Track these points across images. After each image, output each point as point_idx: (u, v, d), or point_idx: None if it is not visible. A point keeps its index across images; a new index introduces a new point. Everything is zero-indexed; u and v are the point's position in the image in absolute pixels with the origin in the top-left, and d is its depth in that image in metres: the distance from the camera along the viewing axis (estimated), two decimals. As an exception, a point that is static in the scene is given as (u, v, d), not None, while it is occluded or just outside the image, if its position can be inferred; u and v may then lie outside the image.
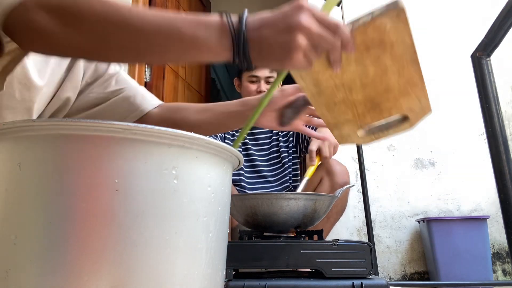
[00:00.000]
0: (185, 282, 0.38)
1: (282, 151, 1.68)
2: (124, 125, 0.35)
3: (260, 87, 1.63)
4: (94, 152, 0.35)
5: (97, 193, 0.35)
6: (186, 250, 0.38)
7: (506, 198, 0.86)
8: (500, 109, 0.91)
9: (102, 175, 0.35)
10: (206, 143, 0.40)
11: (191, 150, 0.39)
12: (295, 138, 1.68)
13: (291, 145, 1.69)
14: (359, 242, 0.74)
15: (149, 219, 0.36)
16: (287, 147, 1.69)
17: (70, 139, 0.35)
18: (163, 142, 0.37)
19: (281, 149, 1.69)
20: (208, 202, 0.41)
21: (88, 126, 0.35)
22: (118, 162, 0.36)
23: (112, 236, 0.34)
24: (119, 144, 0.36)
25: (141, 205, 0.35)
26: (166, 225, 0.37)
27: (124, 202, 0.35)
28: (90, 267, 0.33)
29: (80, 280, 0.33)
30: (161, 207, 0.37)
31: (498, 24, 0.88)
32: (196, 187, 0.40)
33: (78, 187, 0.35)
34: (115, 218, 0.34)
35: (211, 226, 0.41)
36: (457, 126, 2.25)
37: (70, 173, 0.35)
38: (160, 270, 0.36)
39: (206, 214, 0.41)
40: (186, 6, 2.84)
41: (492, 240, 2.06)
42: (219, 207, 0.43)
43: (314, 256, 0.71)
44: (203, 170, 0.41)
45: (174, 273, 0.37)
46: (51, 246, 0.33)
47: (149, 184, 0.36)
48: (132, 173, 0.36)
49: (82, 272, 0.33)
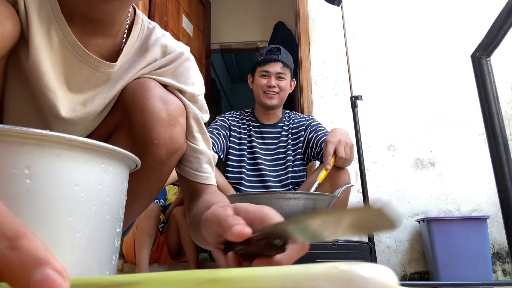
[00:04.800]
0: None
1: (288, 153, 1.68)
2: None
3: (270, 82, 1.69)
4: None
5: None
6: None
7: (506, 198, 0.86)
8: (500, 109, 0.91)
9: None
10: (68, 140, 0.38)
11: (50, 148, 0.37)
12: (305, 145, 1.68)
13: (300, 150, 1.69)
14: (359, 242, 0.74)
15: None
16: (294, 151, 1.69)
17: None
18: (14, 141, 0.36)
19: (287, 151, 1.69)
20: (75, 201, 0.39)
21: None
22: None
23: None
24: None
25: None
26: None
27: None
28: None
29: None
30: (10, 208, 0.35)
31: (498, 24, 0.88)
32: (57, 187, 0.38)
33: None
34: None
35: (80, 226, 0.40)
36: (457, 126, 2.25)
37: None
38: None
39: (72, 214, 0.39)
40: (186, 6, 2.83)
41: (492, 240, 2.06)
42: (94, 206, 0.41)
43: (314, 256, 0.71)
44: (67, 168, 0.39)
45: None
46: None
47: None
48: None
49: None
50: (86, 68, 0.66)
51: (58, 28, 0.63)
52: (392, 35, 2.40)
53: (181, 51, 0.75)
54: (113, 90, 0.69)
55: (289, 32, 3.71)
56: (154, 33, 0.74)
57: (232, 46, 4.04)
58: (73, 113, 0.66)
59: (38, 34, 0.61)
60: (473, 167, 2.18)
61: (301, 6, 2.50)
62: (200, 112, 0.75)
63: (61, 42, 0.63)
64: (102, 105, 0.68)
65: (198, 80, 0.76)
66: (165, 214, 2.12)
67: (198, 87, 0.76)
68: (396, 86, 2.34)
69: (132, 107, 0.67)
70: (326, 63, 2.42)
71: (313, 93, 2.37)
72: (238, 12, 4.07)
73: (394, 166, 2.23)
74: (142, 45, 0.73)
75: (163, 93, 0.69)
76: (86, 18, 0.65)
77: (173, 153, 0.69)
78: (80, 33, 0.65)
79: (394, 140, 2.26)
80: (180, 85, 0.72)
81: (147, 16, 2.32)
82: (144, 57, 0.71)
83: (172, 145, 0.68)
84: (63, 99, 0.65)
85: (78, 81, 0.67)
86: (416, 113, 2.28)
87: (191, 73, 0.75)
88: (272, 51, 1.74)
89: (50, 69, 0.63)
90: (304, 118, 1.77)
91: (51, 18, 0.62)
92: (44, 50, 0.62)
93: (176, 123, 0.68)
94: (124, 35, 0.71)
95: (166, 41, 0.75)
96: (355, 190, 2.14)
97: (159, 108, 0.66)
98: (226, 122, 1.71)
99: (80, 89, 0.67)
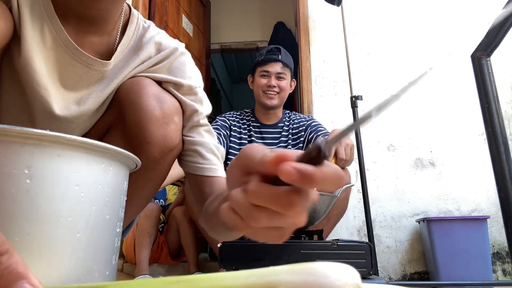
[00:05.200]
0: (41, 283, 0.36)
1: None
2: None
3: (270, 82, 1.69)
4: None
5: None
6: (43, 251, 0.37)
7: (506, 198, 0.86)
8: (500, 109, 0.91)
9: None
10: (68, 140, 0.38)
11: (51, 148, 0.37)
12: (305, 146, 1.68)
13: (300, 151, 1.69)
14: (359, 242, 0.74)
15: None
16: None
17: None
18: (14, 141, 0.36)
19: None
20: (75, 201, 0.39)
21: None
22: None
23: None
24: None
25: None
26: (15, 227, 0.35)
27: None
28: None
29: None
30: (10, 208, 0.35)
31: (498, 24, 0.88)
32: (57, 187, 0.38)
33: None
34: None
35: (80, 226, 0.40)
36: (457, 126, 2.25)
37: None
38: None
39: (72, 214, 0.39)
40: (186, 6, 2.83)
41: (492, 240, 2.06)
42: (94, 206, 0.42)
43: (314, 256, 0.71)
44: (67, 168, 0.39)
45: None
46: None
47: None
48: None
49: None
50: (80, 67, 0.66)
51: (51, 26, 0.62)
52: (392, 35, 2.40)
53: (175, 47, 0.74)
54: (108, 89, 0.68)
55: (289, 32, 3.71)
56: (149, 31, 0.74)
57: (232, 46, 4.04)
58: (66, 111, 0.66)
59: (30, 32, 0.60)
60: (473, 167, 2.18)
61: (301, 6, 2.50)
62: (200, 105, 0.74)
63: (54, 40, 0.63)
64: (96, 103, 0.68)
65: (194, 73, 0.75)
66: (165, 214, 2.12)
67: (195, 80, 0.75)
68: (396, 86, 2.34)
69: (126, 105, 0.66)
70: (326, 63, 2.41)
71: (313, 93, 2.37)
72: (238, 12, 4.07)
73: (394, 166, 2.23)
74: (137, 44, 0.72)
75: (158, 91, 0.68)
76: (80, 16, 0.64)
77: (168, 152, 0.68)
78: (75, 31, 0.65)
79: (394, 140, 2.26)
80: (176, 79, 0.71)
81: (147, 16, 2.32)
82: (138, 55, 0.71)
83: (166, 144, 0.67)
84: (56, 97, 0.64)
85: (71, 79, 0.66)
86: (416, 113, 2.28)
87: (186, 68, 0.74)
88: (272, 51, 1.74)
89: (43, 66, 0.63)
90: (304, 119, 1.77)
91: (43, 16, 0.62)
92: (37, 48, 0.61)
93: (170, 121, 0.67)
94: (118, 33, 0.71)
95: (161, 38, 0.74)
96: (355, 190, 2.13)
97: (152, 106, 0.65)
98: (226, 122, 1.71)
99: (73, 87, 0.67)
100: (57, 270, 0.38)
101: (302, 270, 0.28)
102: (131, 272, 1.93)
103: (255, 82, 1.74)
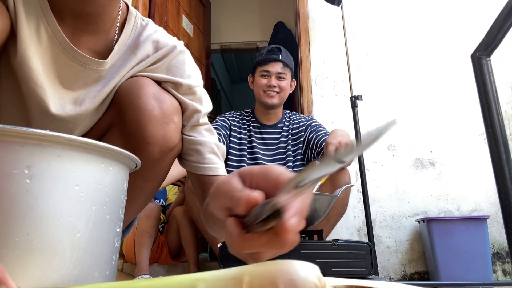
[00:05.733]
0: (40, 283, 0.37)
1: (288, 154, 1.68)
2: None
3: (270, 82, 1.69)
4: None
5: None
6: (42, 250, 0.37)
7: (506, 198, 0.86)
8: (500, 109, 0.91)
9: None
10: (68, 140, 0.38)
11: (51, 148, 0.37)
12: (305, 146, 1.68)
13: (300, 151, 1.68)
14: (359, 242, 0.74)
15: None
16: (294, 151, 1.69)
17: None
18: (13, 141, 0.36)
19: (287, 152, 1.68)
20: (75, 201, 0.39)
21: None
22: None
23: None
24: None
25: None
26: (15, 227, 0.35)
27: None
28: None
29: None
30: (9, 208, 0.35)
31: (498, 24, 0.88)
32: (57, 187, 0.38)
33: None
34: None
35: (80, 226, 0.40)
36: (457, 126, 2.25)
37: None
38: (9, 270, 0.34)
39: (72, 213, 0.39)
40: (186, 6, 2.83)
41: (492, 240, 2.06)
42: (94, 206, 0.42)
43: (314, 256, 0.71)
44: (67, 168, 0.39)
45: (24, 273, 0.36)
46: None
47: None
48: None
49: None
50: (75, 66, 0.65)
51: (47, 25, 0.62)
52: (392, 35, 2.40)
53: (173, 45, 0.73)
54: (105, 89, 0.68)
55: (289, 32, 3.71)
56: (147, 30, 0.73)
57: (232, 46, 4.04)
58: (62, 110, 0.65)
59: (26, 30, 0.60)
60: (473, 167, 2.18)
61: (301, 6, 2.50)
62: (200, 104, 0.73)
63: (50, 39, 0.63)
64: (94, 104, 0.67)
65: (194, 72, 0.75)
66: (165, 214, 2.12)
67: (194, 79, 0.74)
68: (396, 86, 2.34)
69: (125, 105, 0.66)
70: (326, 63, 2.41)
71: (313, 93, 2.37)
72: (238, 12, 4.07)
73: (394, 166, 2.23)
74: (134, 42, 0.71)
75: (157, 91, 0.68)
76: (77, 14, 0.64)
77: (167, 152, 0.68)
78: (71, 30, 0.65)
79: (394, 140, 2.26)
80: (175, 79, 0.71)
81: (147, 16, 2.32)
82: (135, 54, 0.70)
83: (165, 144, 0.67)
84: (53, 96, 0.64)
85: (68, 78, 0.66)
86: (416, 113, 2.28)
87: (185, 66, 0.73)
88: (272, 51, 1.74)
89: (39, 65, 0.62)
90: (304, 119, 1.77)
91: (39, 14, 0.62)
92: (33, 46, 0.61)
93: (169, 121, 0.67)
94: (116, 31, 0.70)
95: (158, 36, 0.73)
96: (355, 190, 2.14)
97: (152, 106, 0.65)
98: (226, 122, 1.71)
99: (70, 86, 0.66)
100: (57, 270, 0.38)
101: (266, 263, 0.31)
102: (131, 272, 1.94)
103: (255, 82, 1.74)
